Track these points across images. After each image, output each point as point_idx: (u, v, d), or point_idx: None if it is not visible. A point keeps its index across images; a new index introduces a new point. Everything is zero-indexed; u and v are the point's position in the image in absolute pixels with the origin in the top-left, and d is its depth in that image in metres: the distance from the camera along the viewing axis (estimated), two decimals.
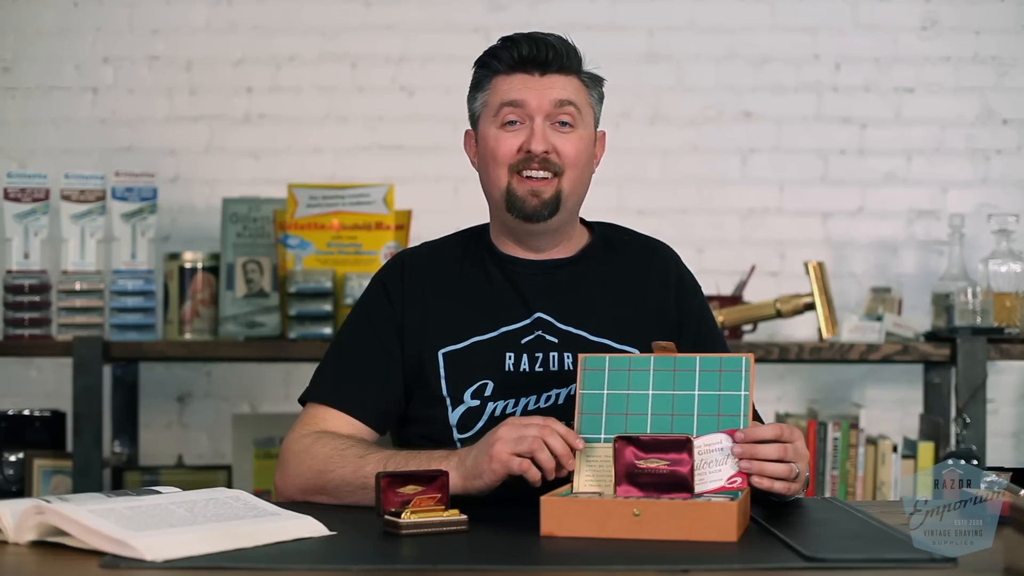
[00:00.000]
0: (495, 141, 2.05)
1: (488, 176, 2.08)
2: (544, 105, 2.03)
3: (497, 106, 2.05)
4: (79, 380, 3.19)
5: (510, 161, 2.04)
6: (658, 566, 1.50)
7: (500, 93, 2.05)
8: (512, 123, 2.04)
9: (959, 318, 3.25)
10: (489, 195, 2.11)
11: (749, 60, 3.85)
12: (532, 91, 2.03)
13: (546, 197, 2.04)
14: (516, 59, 2.04)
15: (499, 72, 2.06)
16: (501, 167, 2.05)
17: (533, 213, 2.04)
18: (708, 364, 1.80)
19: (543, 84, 2.04)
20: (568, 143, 2.04)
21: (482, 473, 1.80)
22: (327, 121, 3.84)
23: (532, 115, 2.03)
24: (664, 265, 2.17)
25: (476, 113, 2.11)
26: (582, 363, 1.84)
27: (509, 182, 2.05)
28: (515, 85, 2.04)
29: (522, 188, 2.04)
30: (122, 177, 3.36)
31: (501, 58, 2.05)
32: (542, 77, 2.04)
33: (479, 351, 2.05)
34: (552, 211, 2.05)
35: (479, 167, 2.12)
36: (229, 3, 3.84)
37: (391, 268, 2.17)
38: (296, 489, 1.98)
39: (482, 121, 2.09)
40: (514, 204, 2.05)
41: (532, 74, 2.04)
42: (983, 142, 3.84)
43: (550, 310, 2.08)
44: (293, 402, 2.38)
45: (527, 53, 2.03)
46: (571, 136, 2.05)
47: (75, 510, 1.57)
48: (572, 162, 2.05)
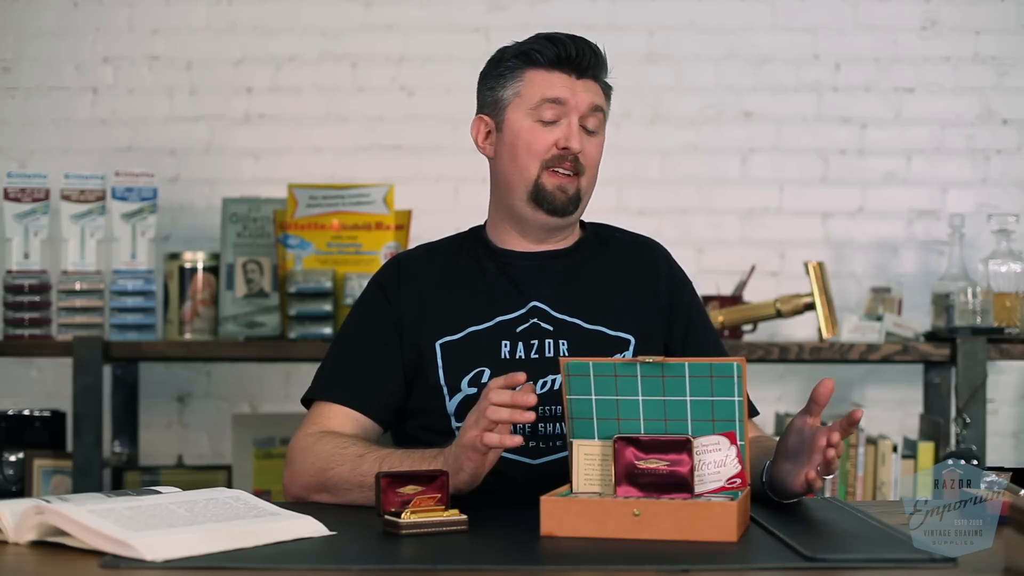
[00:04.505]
0: (531, 134, 2.08)
1: (516, 165, 2.10)
2: (581, 107, 2.08)
3: (536, 100, 2.07)
4: (79, 380, 3.19)
5: (544, 156, 2.08)
6: (658, 566, 1.50)
7: (540, 88, 2.08)
8: (550, 120, 2.08)
9: (959, 318, 3.25)
10: (508, 184, 2.12)
11: (749, 60, 3.85)
12: (571, 91, 2.08)
13: (571, 193, 2.09)
14: (560, 58, 2.08)
15: (537, 66, 2.08)
16: (534, 160, 2.08)
17: (561, 208, 2.09)
18: (698, 370, 1.76)
19: (579, 87, 2.08)
20: (593, 146, 2.11)
21: (462, 464, 1.82)
22: (327, 121, 3.84)
23: (569, 114, 2.07)
24: (654, 257, 2.21)
25: (504, 101, 2.11)
26: (564, 368, 1.80)
27: (539, 176, 2.08)
28: (555, 83, 2.07)
29: (551, 182, 2.08)
30: (122, 177, 3.36)
31: (544, 53, 2.08)
32: (578, 80, 2.08)
33: (475, 340, 2.08)
34: (575, 207, 2.11)
35: (502, 155, 2.12)
36: (229, 3, 3.85)
37: (387, 270, 2.20)
38: (301, 487, 2.00)
39: (513, 111, 2.10)
40: (543, 198, 2.08)
41: (570, 75, 2.08)
42: (983, 142, 3.84)
43: (545, 298, 2.11)
44: (293, 402, 2.39)
45: (573, 54, 2.07)
46: (594, 140, 2.11)
47: (75, 510, 1.57)
48: (592, 164, 2.11)
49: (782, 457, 1.86)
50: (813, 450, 1.81)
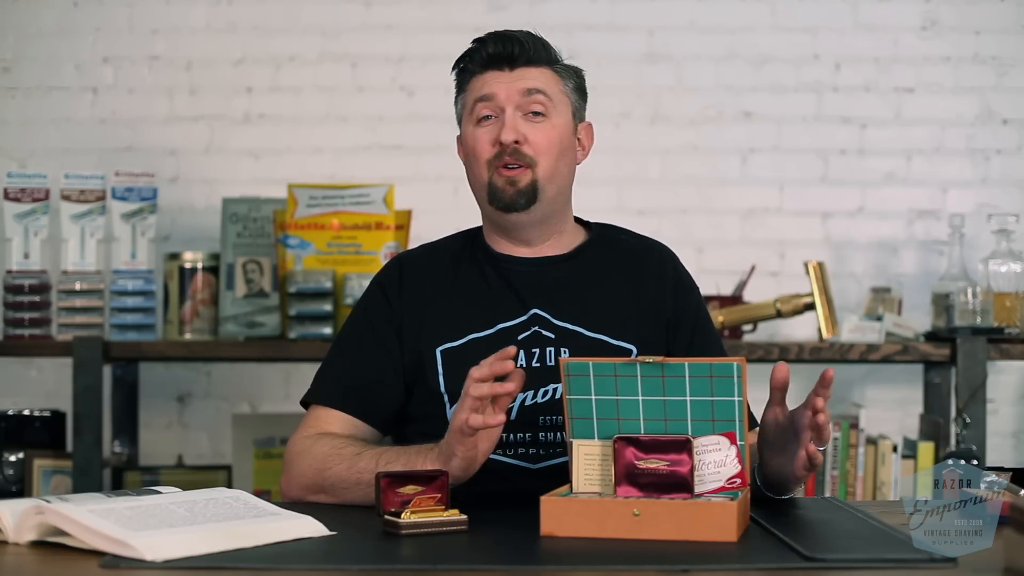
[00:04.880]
0: (472, 139, 2.09)
1: (472, 174, 2.12)
2: (513, 96, 2.07)
3: (472, 104, 2.09)
4: (79, 380, 3.19)
5: (488, 156, 2.07)
6: (658, 566, 1.50)
7: (474, 91, 2.10)
8: (486, 118, 2.08)
9: (959, 318, 3.25)
10: (476, 194, 2.14)
11: (749, 60, 3.85)
12: (501, 84, 2.07)
13: (521, 186, 2.06)
14: (485, 58, 2.09)
15: (474, 73, 2.11)
16: (481, 163, 2.08)
17: (511, 202, 2.07)
18: (698, 370, 1.75)
19: (512, 77, 2.08)
20: (539, 132, 2.07)
21: (454, 449, 1.83)
22: (327, 121, 3.84)
23: (503, 106, 2.07)
24: (661, 263, 2.18)
25: (459, 116, 2.15)
26: (564, 368, 1.80)
27: (490, 177, 2.08)
28: (487, 81, 2.08)
29: (499, 179, 2.07)
30: (122, 177, 3.36)
31: (473, 59, 2.11)
32: (512, 71, 2.08)
33: (477, 348, 2.06)
34: (529, 200, 2.07)
35: (465, 168, 2.15)
36: (229, 3, 3.85)
37: (389, 270, 2.19)
38: (299, 489, 2.00)
39: (463, 122, 2.13)
40: (495, 195, 2.07)
41: (502, 70, 2.08)
42: (983, 142, 3.84)
43: (546, 306, 2.09)
44: (293, 402, 2.39)
45: (493, 50, 2.08)
46: (543, 125, 2.07)
47: (75, 510, 1.57)
48: (544, 150, 2.07)
49: (771, 455, 1.85)
50: (800, 429, 1.79)
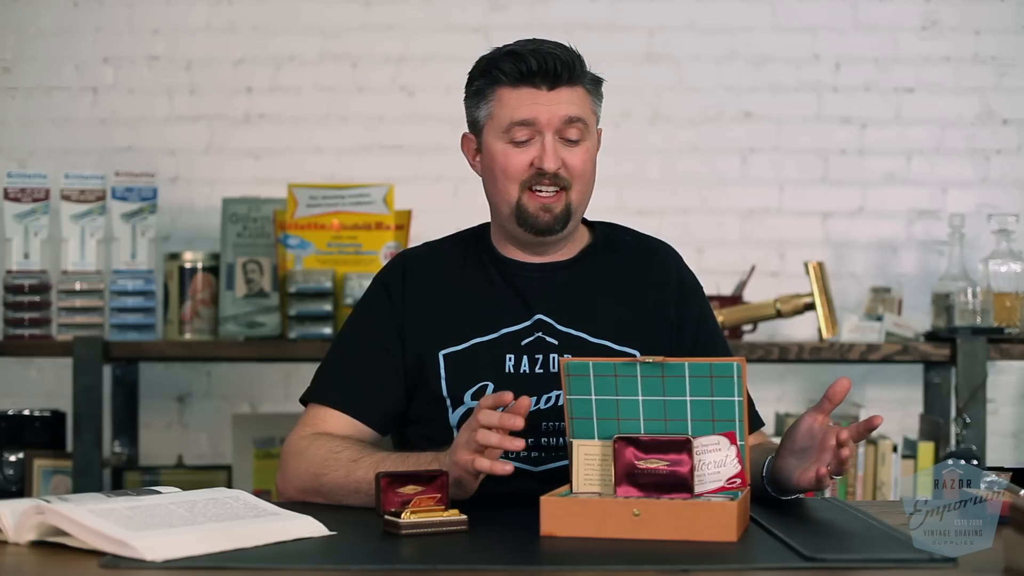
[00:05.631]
0: (504, 157, 2.03)
1: (497, 189, 2.06)
2: (554, 122, 2.01)
3: (506, 123, 2.02)
4: (79, 380, 3.19)
5: (522, 178, 2.03)
6: (658, 566, 1.50)
7: (508, 108, 2.02)
8: (523, 141, 2.02)
9: (959, 318, 3.25)
10: (496, 207, 2.09)
11: (749, 60, 3.85)
12: (542, 108, 2.00)
13: (557, 212, 2.04)
14: (524, 73, 2.01)
15: (503, 84, 2.03)
16: (512, 183, 2.03)
17: (546, 228, 2.04)
18: (698, 370, 1.75)
19: (551, 99, 2.01)
20: (576, 157, 2.03)
21: (454, 476, 1.80)
22: (327, 121, 3.84)
23: (542, 131, 2.01)
24: (665, 265, 2.16)
25: (480, 122, 2.07)
26: (564, 368, 1.79)
27: (519, 198, 2.03)
28: (523, 101, 2.01)
29: (533, 204, 2.03)
30: (122, 177, 3.36)
31: (506, 71, 2.02)
32: (550, 92, 2.01)
33: (480, 352, 2.05)
34: (563, 224, 2.05)
35: (485, 176, 2.10)
36: (229, 3, 3.85)
37: (392, 268, 2.16)
38: (294, 490, 1.99)
39: (488, 133, 2.06)
40: (526, 220, 2.04)
41: (540, 88, 2.01)
42: (983, 142, 3.84)
43: (550, 312, 2.07)
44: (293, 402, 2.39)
45: (536, 68, 2.00)
46: (578, 150, 2.04)
47: (75, 510, 1.57)
48: (579, 174, 2.04)
49: (788, 452, 1.85)
50: (823, 448, 1.79)
